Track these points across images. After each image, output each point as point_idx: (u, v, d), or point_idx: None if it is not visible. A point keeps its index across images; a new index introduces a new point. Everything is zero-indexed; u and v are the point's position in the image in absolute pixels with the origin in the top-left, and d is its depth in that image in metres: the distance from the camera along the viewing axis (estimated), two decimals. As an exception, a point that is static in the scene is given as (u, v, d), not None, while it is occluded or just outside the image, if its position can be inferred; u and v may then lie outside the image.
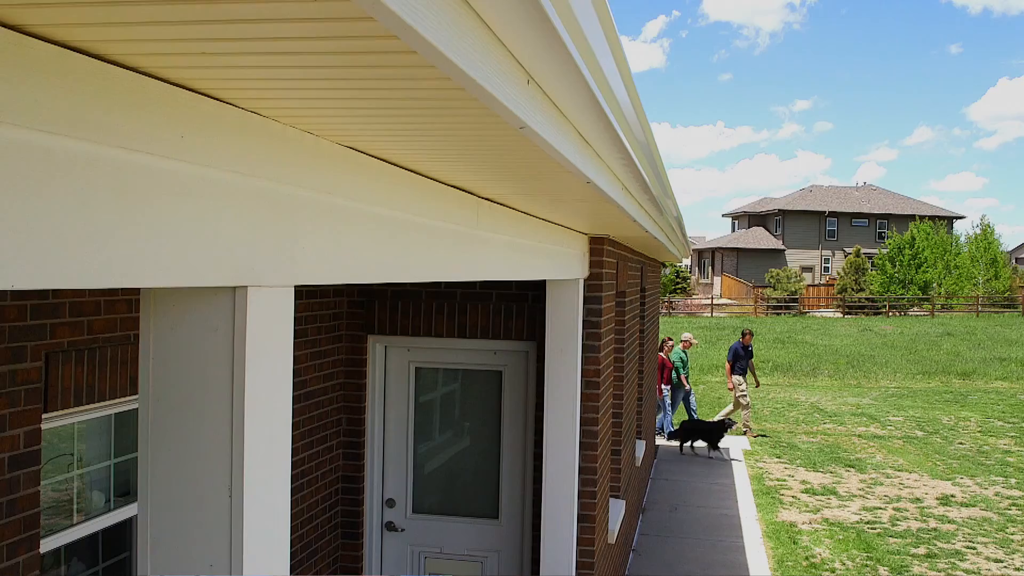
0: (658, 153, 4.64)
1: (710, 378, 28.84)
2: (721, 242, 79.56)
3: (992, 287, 60.71)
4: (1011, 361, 32.04)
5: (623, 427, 8.79)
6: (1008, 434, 19.77)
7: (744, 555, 10.75)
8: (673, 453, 16.76)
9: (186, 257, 1.56)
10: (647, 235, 6.64)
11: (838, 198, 79.20)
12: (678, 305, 60.53)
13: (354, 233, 2.31)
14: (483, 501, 7.06)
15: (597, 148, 2.87)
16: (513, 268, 4.34)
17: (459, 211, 3.29)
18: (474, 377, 7.07)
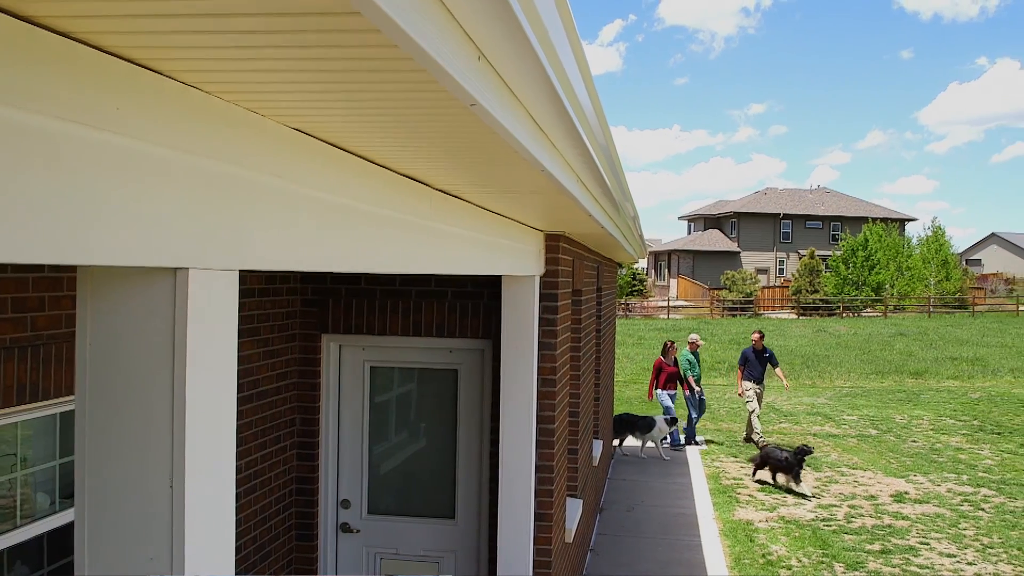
0: (614, 147, 4.61)
1: (667, 379, 28.90)
2: (677, 244, 79.99)
3: (943, 288, 61.51)
4: (962, 360, 32.46)
5: (580, 426, 8.75)
6: (960, 432, 19.99)
7: (701, 553, 10.76)
8: (631, 453, 16.76)
9: (123, 234, 1.50)
10: (603, 232, 6.61)
11: (792, 200, 79.94)
12: (634, 307, 60.74)
13: (303, 219, 2.25)
14: (439, 501, 7.00)
15: (552, 136, 2.82)
16: (468, 263, 4.29)
17: (412, 202, 3.23)
18: (430, 376, 7.01)
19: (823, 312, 58.05)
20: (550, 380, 6.57)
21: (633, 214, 8.16)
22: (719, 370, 30.76)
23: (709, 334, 41.71)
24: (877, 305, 59.06)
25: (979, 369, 30.79)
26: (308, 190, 2.27)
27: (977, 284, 70.97)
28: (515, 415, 6.30)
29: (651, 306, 62.58)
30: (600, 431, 11.91)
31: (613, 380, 16.54)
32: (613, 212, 5.94)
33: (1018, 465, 16.57)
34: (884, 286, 60.94)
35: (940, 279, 62.29)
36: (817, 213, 78.14)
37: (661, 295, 72.68)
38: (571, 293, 7.60)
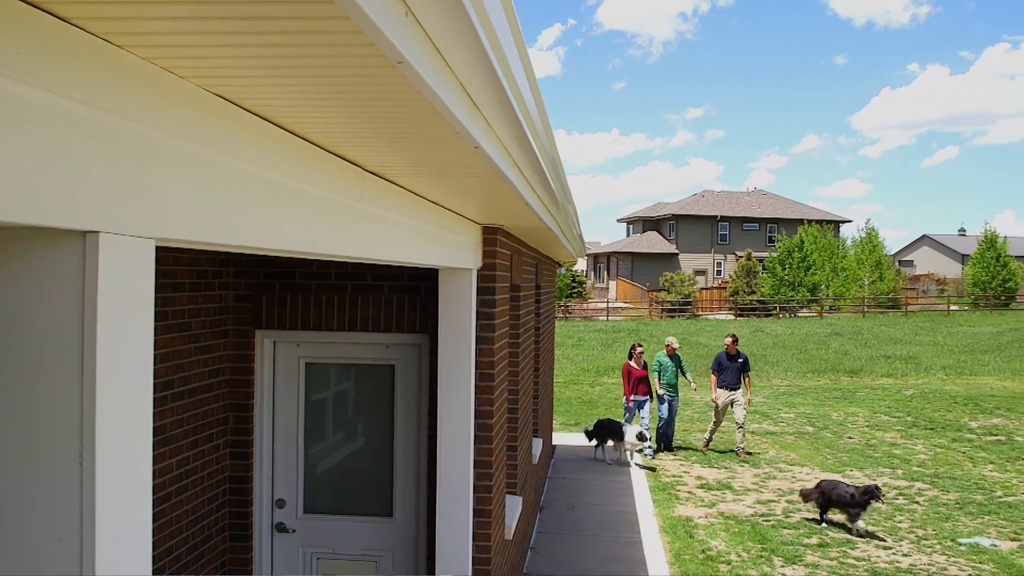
0: (551, 135, 4.56)
1: (606, 379, 29.00)
2: (616, 247, 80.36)
3: (877, 288, 62.46)
4: (896, 358, 32.97)
5: (519, 422, 8.70)
6: (894, 428, 20.30)
7: (642, 550, 10.76)
8: (571, 452, 16.74)
9: (24, 190, 1.40)
10: (542, 226, 6.55)
11: (730, 203, 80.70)
12: (574, 309, 60.91)
13: (226, 191, 2.16)
14: (376, 499, 6.89)
15: (487, 114, 2.75)
16: (403, 251, 4.21)
17: (345, 184, 3.14)
18: (366, 372, 6.90)
19: (760, 313, 58.67)
20: (488, 375, 6.50)
21: (572, 209, 8.12)
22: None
23: (648, 335, 41.95)
24: (813, 305, 59.81)
25: (912, 367, 31.29)
26: (233, 161, 2.18)
27: (910, 285, 72.17)
28: (453, 410, 6.22)
29: (590, 308, 62.82)
30: (540, 429, 11.87)
31: (552, 379, 16.51)
32: (551, 204, 5.88)
33: (951, 459, 16.84)
34: (820, 287, 61.76)
35: (874, 280, 63.24)
36: (754, 215, 78.99)
37: (600, 297, 72.97)
38: (509, 288, 7.54)
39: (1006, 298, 63.37)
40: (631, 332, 43.57)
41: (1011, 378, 28.75)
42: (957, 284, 74.69)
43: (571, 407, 23.11)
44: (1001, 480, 15.22)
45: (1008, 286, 64.16)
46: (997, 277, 64.16)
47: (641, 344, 17.53)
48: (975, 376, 29.26)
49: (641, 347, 17.39)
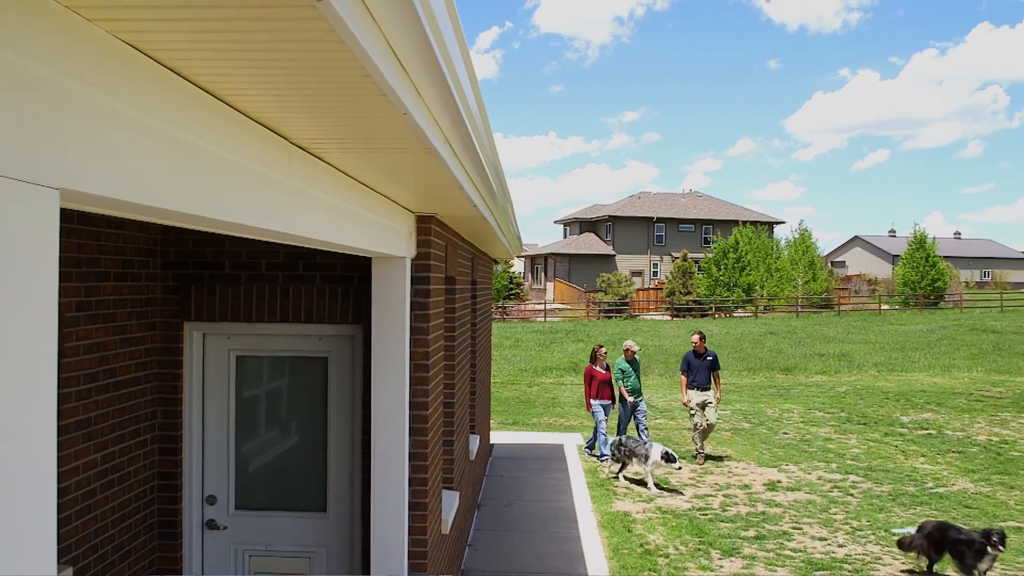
0: (486, 117, 4.48)
1: (543, 380, 29.01)
2: (553, 248, 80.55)
3: (810, 288, 63.28)
4: (829, 356, 33.41)
5: (456, 417, 8.61)
6: (828, 423, 20.54)
7: (580, 545, 10.72)
8: (510, 451, 16.68)
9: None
10: (476, 214, 6.47)
11: (665, 204, 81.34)
12: (512, 310, 60.94)
13: (139, 147, 2.04)
14: (310, 494, 6.76)
15: (414, 78, 2.67)
16: (335, 233, 4.10)
17: (271, 156, 3.04)
18: (299, 364, 6.77)
19: (696, 313, 59.16)
20: (423, 365, 6.41)
21: (508, 201, 8.05)
22: (596, 370, 30.95)
23: (585, 335, 42.09)
24: (748, 306, 60.45)
25: (845, 364, 31.72)
26: (147, 117, 2.07)
27: (842, 285, 73.31)
28: (387, 401, 6.12)
29: (528, 309, 62.88)
30: (477, 426, 11.79)
31: (490, 377, 16.43)
32: (486, 192, 5.80)
33: (883, 453, 17.06)
34: (754, 287, 62.43)
35: (807, 280, 64.07)
36: (689, 216, 79.69)
37: (538, 298, 73.08)
38: (444, 279, 7.45)
39: (935, 297, 64.59)
40: (568, 333, 43.67)
41: (940, 374, 29.26)
42: (888, 284, 76.03)
43: (509, 407, 23.06)
44: (932, 472, 15.44)
45: (937, 286, 65.40)
46: (926, 277, 65.36)
47: (603, 346, 16.88)
48: (906, 373, 29.73)
49: (604, 349, 16.72)
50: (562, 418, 21.43)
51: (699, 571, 9.87)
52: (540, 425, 20.46)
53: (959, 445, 17.92)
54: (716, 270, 62.87)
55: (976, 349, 34.80)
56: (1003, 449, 17.50)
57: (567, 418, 21.41)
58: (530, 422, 20.84)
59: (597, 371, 16.43)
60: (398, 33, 2.22)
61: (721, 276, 62.48)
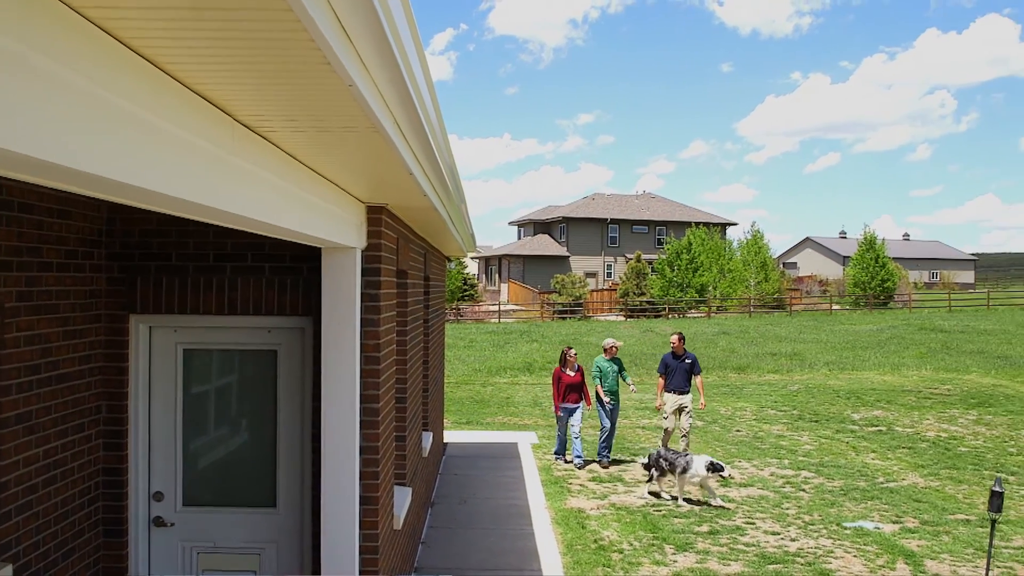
0: (436, 101, 4.42)
1: (497, 379, 28.96)
2: (508, 249, 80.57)
3: (763, 289, 63.84)
4: (781, 356, 33.68)
5: (408, 412, 8.53)
6: (780, 421, 20.68)
7: (534, 541, 10.68)
8: (463, 450, 16.60)
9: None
10: (428, 205, 6.40)
11: (619, 206, 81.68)
12: (466, 312, 60.87)
13: (60, 103, 1.95)
14: (259, 489, 6.65)
15: (359, 48, 2.60)
16: (282, 216, 4.01)
17: (213, 130, 2.95)
18: (248, 357, 6.66)
19: (650, 314, 59.42)
20: (374, 358, 6.33)
21: (460, 193, 7.98)
22: (549, 370, 30.97)
23: (540, 336, 42.13)
24: (701, 306, 60.83)
25: (797, 363, 31.97)
26: (71, 74, 1.98)
27: (794, 285, 74.08)
28: (338, 394, 6.03)
29: (482, 310, 62.85)
30: (431, 424, 11.71)
31: (443, 375, 16.34)
32: (437, 181, 5.73)
33: (835, 449, 17.20)
34: (707, 288, 62.82)
35: (760, 280, 64.63)
36: (643, 218, 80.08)
37: (492, 299, 73.04)
38: (396, 272, 7.38)
39: (885, 297, 65.46)
40: (522, 334, 43.67)
41: (890, 372, 29.57)
42: (839, 285, 76.95)
43: (463, 406, 22.98)
44: (883, 467, 15.59)
45: (887, 286, 66.28)
46: (876, 277, 66.22)
47: (573, 348, 16.03)
48: (857, 371, 30.01)
49: (574, 351, 15.89)
50: (516, 417, 21.39)
51: (653, 566, 9.87)
52: (494, 424, 20.41)
53: (908, 441, 18.11)
54: (669, 271, 63.23)
55: (925, 348, 35.24)
56: (951, 445, 17.70)
57: (521, 417, 21.37)
58: (484, 421, 20.78)
59: (566, 373, 15.73)
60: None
61: (674, 277, 62.84)
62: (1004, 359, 31.79)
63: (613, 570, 9.69)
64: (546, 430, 19.36)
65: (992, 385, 26.02)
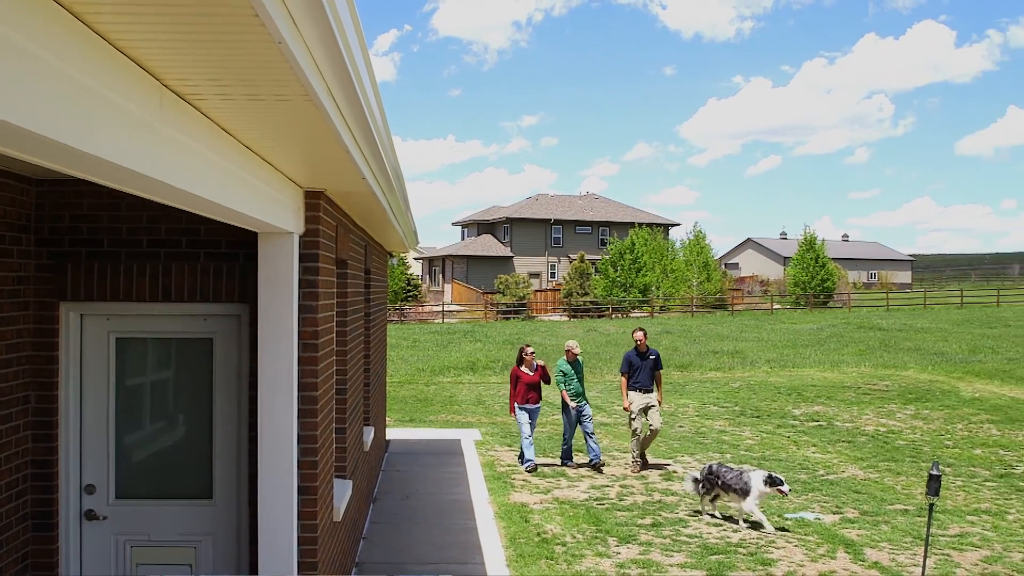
0: (374, 77, 4.34)
1: (441, 379, 28.85)
2: (451, 250, 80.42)
3: (705, 289, 64.36)
4: (723, 354, 33.94)
5: (348, 404, 8.42)
6: (722, 417, 20.85)
7: (477, 535, 10.62)
8: (406, 447, 16.48)
9: None
10: (368, 191, 6.31)
11: (563, 206, 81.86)
12: (409, 312, 60.66)
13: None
14: (195, 480, 6.51)
15: (291, 6, 2.52)
16: (215, 191, 3.90)
17: (137, 91, 2.85)
18: (182, 346, 6.52)
19: (593, 314, 59.65)
20: (312, 345, 6.22)
21: (401, 182, 7.89)
22: (493, 369, 30.96)
23: (484, 336, 42.08)
24: (644, 306, 61.19)
25: (739, 361, 32.24)
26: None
27: (735, 286, 74.82)
28: (275, 382, 5.91)
29: (425, 311, 62.70)
30: (372, 418, 11.59)
31: (385, 371, 16.21)
32: (375, 164, 5.63)
33: (776, 443, 17.38)
34: (650, 288, 63.20)
35: (702, 280, 65.17)
36: (587, 218, 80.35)
37: (436, 300, 72.87)
38: (335, 260, 7.26)
39: (824, 297, 66.31)
40: (466, 333, 43.60)
41: (830, 369, 29.90)
42: (780, 285, 77.82)
43: (406, 405, 22.86)
44: (823, 460, 15.75)
45: (826, 285, 67.17)
46: (816, 277, 67.09)
47: (530, 345, 15.54)
48: (797, 368, 30.31)
49: (532, 350, 15.33)
50: (459, 415, 21.32)
51: (596, 558, 9.84)
52: (437, 422, 20.32)
53: (848, 435, 18.32)
54: (613, 271, 63.52)
55: (864, 346, 35.71)
56: (890, 438, 17.94)
57: (464, 415, 21.31)
58: (427, 419, 20.69)
59: (524, 373, 15.11)
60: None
61: (618, 277, 63.14)
62: (940, 356, 32.29)
63: (556, 562, 9.66)
64: (489, 427, 19.31)
65: (929, 381, 26.39)
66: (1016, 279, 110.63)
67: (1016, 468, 15.11)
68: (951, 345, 35.43)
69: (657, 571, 9.41)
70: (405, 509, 11.82)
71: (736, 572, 9.43)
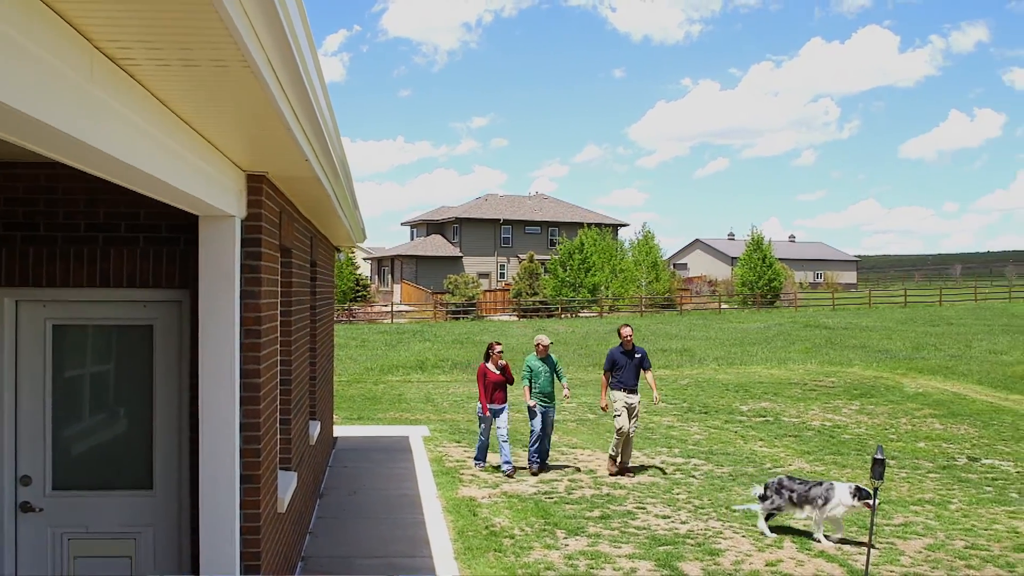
0: (316, 55, 4.27)
1: (389, 377, 28.69)
2: (400, 250, 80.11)
3: (654, 289, 64.67)
4: (671, 352, 34.13)
5: (292, 395, 8.31)
6: (671, 413, 20.94)
7: (425, 529, 10.55)
8: (353, 444, 16.35)
9: None
10: (312, 176, 6.22)
11: (512, 207, 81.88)
12: (358, 313, 60.36)
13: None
14: (135, 470, 6.36)
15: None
16: (151, 164, 3.80)
17: (67, 50, 2.75)
18: (122, 333, 6.37)
19: (543, 313, 59.74)
20: (255, 331, 6.12)
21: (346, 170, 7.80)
22: (442, 368, 30.86)
23: (433, 335, 41.97)
24: (593, 306, 61.38)
25: (687, 359, 32.42)
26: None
27: (684, 286, 75.32)
28: (217, 368, 5.82)
29: (375, 312, 62.42)
30: (318, 413, 11.47)
31: (332, 366, 16.07)
32: (318, 145, 5.55)
33: (724, 438, 17.47)
34: (600, 288, 63.40)
35: (651, 281, 65.49)
36: (536, 219, 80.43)
37: (385, 301, 72.55)
38: (279, 248, 7.15)
39: (772, 296, 66.94)
40: (415, 333, 43.48)
41: (777, 367, 30.15)
42: (728, 285, 78.45)
43: (354, 403, 22.69)
44: (770, 454, 15.87)
45: (773, 285, 67.83)
46: (763, 277, 67.71)
47: (500, 343, 14.55)
48: (745, 366, 30.53)
49: (500, 347, 14.38)
50: (408, 413, 21.19)
51: (544, 549, 9.81)
52: (386, 420, 20.18)
53: (795, 430, 18.47)
54: (562, 271, 63.65)
55: (810, 343, 36.07)
56: (836, 432, 18.12)
57: (413, 413, 21.18)
58: (376, 417, 20.54)
59: (491, 370, 14.20)
60: None
61: (567, 277, 63.28)
62: (884, 352, 32.70)
63: (504, 554, 9.61)
64: (438, 424, 19.21)
65: (874, 377, 26.70)
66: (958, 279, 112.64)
67: (958, 460, 15.32)
68: (895, 343, 35.89)
69: (605, 562, 9.40)
70: (352, 504, 11.71)
71: (684, 562, 9.44)
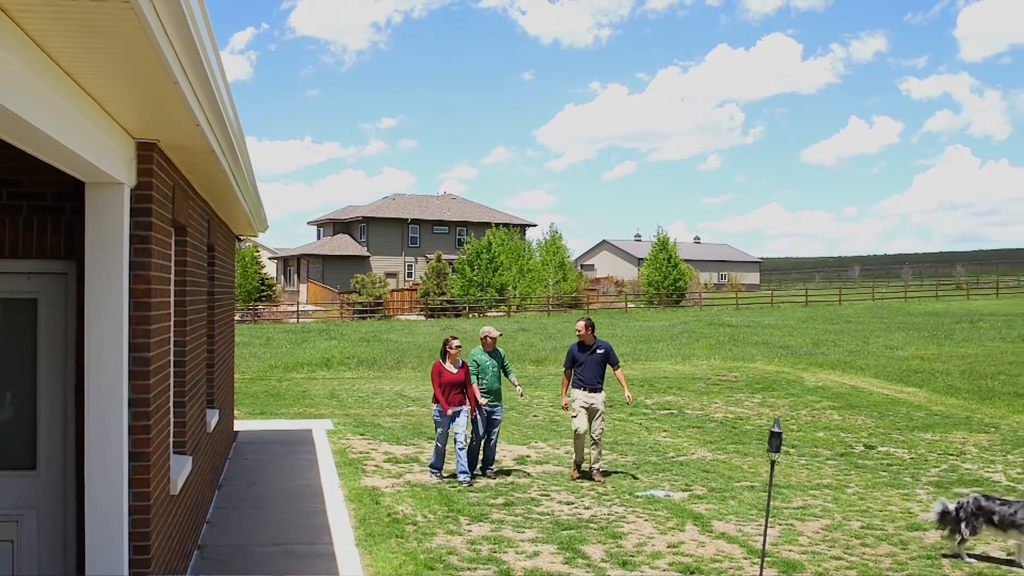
0: (205, 12, 4.13)
1: (294, 375, 28.33)
2: (307, 249, 79.30)
3: (561, 288, 65.08)
4: (578, 348, 34.25)
5: (187, 378, 8.09)
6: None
7: (326, 517, 10.39)
8: (255, 437, 16.06)
9: None
10: (205, 147, 6.05)
11: (420, 206, 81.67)
12: (264, 313, 59.60)
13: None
14: (17, 450, 6.10)
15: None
16: (36, 114, 3.61)
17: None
18: (4, 307, 6.10)
19: (450, 313, 59.70)
20: (144, 304, 5.92)
21: (243, 144, 7.62)
22: (348, 365, 30.56)
23: (339, 334, 41.61)
24: (501, 305, 61.53)
25: (593, 355, 32.55)
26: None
27: (591, 286, 75.96)
28: (103, 340, 5.59)
29: (280, 311, 61.75)
30: (217, 401, 11.21)
31: (233, 356, 15.73)
32: (211, 111, 5.38)
33: (628, 430, 17.63)
34: (507, 287, 63.55)
35: (558, 280, 65.90)
36: (444, 218, 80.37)
37: (291, 300, 71.74)
38: (172, 222, 6.94)
39: (677, 296, 67.83)
40: (321, 332, 43.07)
41: (682, 362, 30.51)
42: (634, 285, 79.34)
43: (257, 399, 22.32)
44: (673, 444, 16.02)
45: (679, 285, 68.75)
46: (669, 277, 68.59)
47: (456, 337, 13.29)
48: (650, 362, 30.81)
49: (457, 342, 13.10)
50: (312, 408, 20.91)
51: (447, 535, 9.72)
52: (289, 414, 19.90)
53: (698, 422, 18.70)
54: (470, 271, 63.69)
55: (714, 340, 36.58)
56: (738, 424, 18.38)
57: (318, 408, 20.92)
58: (279, 412, 20.24)
59: (447, 369, 12.96)
60: None
61: (475, 276, 63.34)
62: (786, 348, 33.31)
63: (407, 540, 9.49)
64: (342, 418, 18.98)
65: (775, 372, 27.17)
66: (856, 280, 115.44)
67: (855, 448, 15.63)
68: (796, 339, 36.60)
69: (508, 546, 9.35)
70: (252, 495, 11.48)
71: (587, 545, 9.43)
